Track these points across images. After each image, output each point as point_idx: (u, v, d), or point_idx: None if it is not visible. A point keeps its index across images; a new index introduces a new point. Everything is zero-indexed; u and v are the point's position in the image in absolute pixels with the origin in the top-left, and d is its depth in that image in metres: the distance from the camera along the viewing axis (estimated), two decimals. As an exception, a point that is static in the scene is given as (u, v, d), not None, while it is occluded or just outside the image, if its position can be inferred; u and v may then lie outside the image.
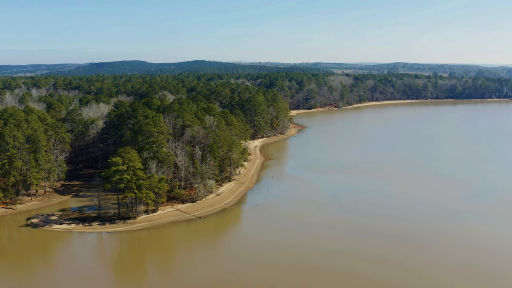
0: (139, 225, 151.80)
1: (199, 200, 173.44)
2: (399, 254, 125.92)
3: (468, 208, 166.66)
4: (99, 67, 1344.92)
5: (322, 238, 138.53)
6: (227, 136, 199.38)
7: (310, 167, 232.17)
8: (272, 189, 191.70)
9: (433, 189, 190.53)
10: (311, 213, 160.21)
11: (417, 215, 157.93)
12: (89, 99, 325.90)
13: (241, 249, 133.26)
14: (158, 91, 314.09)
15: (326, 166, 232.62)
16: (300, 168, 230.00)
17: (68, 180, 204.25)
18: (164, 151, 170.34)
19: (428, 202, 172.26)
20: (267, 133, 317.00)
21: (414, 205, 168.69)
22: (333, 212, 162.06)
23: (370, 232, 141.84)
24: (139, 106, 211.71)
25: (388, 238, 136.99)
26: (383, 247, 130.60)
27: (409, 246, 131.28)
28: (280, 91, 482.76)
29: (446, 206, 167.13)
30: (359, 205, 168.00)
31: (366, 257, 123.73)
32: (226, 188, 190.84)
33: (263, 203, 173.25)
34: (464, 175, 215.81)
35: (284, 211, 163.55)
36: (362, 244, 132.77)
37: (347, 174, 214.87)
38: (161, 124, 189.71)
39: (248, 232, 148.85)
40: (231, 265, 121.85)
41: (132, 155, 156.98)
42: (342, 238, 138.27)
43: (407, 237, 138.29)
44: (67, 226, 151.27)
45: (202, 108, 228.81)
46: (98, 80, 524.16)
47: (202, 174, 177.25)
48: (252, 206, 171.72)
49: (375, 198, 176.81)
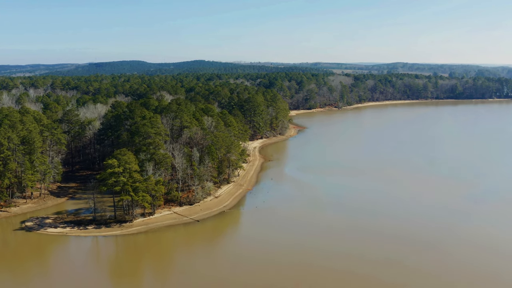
0: (135, 228, 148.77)
1: (197, 203, 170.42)
2: (399, 255, 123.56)
3: (469, 208, 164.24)
4: (98, 67, 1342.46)
5: (322, 240, 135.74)
6: (226, 138, 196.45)
7: (310, 168, 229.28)
8: (271, 191, 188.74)
9: (435, 190, 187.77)
10: (311, 216, 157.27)
11: (418, 216, 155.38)
12: (87, 99, 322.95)
13: (240, 253, 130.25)
14: (156, 92, 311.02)
15: (326, 167, 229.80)
16: (300, 170, 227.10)
17: (64, 182, 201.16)
18: (161, 153, 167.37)
19: (430, 202, 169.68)
20: (267, 134, 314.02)
21: (415, 206, 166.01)
22: (334, 214, 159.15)
23: (371, 233, 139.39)
24: (136, 106, 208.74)
25: (389, 240, 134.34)
26: (384, 249, 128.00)
27: (410, 247, 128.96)
28: (280, 91, 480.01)
29: (447, 206, 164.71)
30: (360, 207, 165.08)
31: (367, 259, 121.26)
32: (225, 190, 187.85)
33: (262, 205, 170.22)
34: (465, 175, 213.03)
35: (283, 214, 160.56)
36: (363, 245, 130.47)
37: (348, 176, 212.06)
38: (158, 125, 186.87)
39: (247, 236, 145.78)
40: (230, 269, 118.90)
41: (128, 157, 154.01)
42: (342, 240, 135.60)
43: (407, 237, 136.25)
44: (62, 229, 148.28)
45: (200, 109, 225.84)
46: (96, 80, 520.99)
47: (200, 176, 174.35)
48: (251, 209, 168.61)
49: (377, 200, 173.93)
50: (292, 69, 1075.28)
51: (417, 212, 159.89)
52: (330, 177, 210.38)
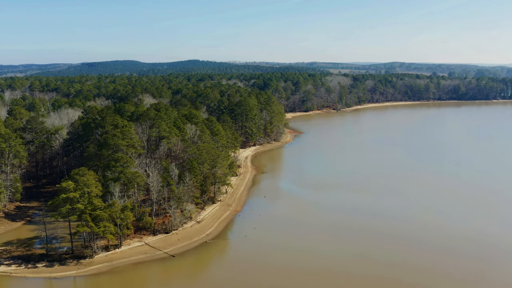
0: (96, 267, 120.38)
1: (175, 230, 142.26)
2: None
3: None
4: (91, 67, 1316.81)
5: (325, 283, 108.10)
6: (211, 150, 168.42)
7: (308, 182, 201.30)
8: (264, 214, 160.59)
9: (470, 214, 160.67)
10: (311, 250, 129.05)
11: (433, 243, 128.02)
12: (63, 102, 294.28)
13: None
14: (139, 94, 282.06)
15: (328, 181, 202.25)
16: (297, 184, 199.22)
17: (26, 201, 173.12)
18: (130, 171, 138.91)
19: (464, 233, 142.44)
20: (260, 141, 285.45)
21: (431, 232, 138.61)
22: (340, 249, 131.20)
23: (392, 282, 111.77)
24: (108, 113, 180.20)
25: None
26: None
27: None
28: (275, 92, 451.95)
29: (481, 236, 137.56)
30: (368, 232, 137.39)
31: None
32: (209, 212, 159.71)
33: (252, 233, 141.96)
34: (489, 185, 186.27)
35: (277, 245, 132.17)
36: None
37: (353, 192, 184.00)
38: (131, 135, 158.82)
39: (232, 277, 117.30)
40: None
41: (87, 178, 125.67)
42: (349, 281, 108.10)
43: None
44: (6, 267, 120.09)
45: (183, 115, 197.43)
46: (80, 81, 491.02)
47: (179, 197, 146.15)
48: (240, 238, 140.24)
49: (386, 223, 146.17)
50: (288, 69, 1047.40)
51: (434, 241, 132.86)
52: (333, 193, 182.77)
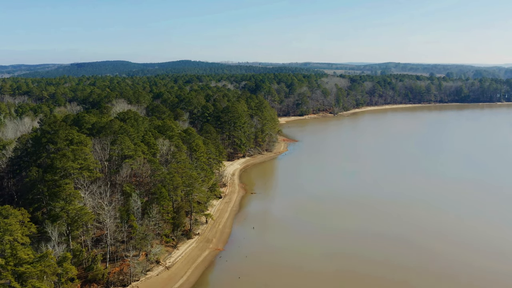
0: None
1: (136, 282, 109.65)
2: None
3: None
4: (80, 68, 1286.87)
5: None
6: (186, 171, 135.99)
7: (306, 206, 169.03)
8: (252, 253, 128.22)
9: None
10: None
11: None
12: (27, 109, 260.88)
13: None
14: (113, 99, 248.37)
15: (328, 203, 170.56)
16: (293, 209, 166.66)
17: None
18: (74, 208, 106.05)
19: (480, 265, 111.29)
20: (250, 151, 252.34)
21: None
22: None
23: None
24: (61, 125, 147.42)
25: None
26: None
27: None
28: (267, 95, 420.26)
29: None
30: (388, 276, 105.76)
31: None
32: (183, 252, 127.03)
33: (236, 285, 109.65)
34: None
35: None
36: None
37: (360, 219, 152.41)
38: (85, 155, 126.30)
39: None
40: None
41: (11, 220, 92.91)
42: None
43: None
44: None
45: (155, 127, 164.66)
46: (58, 83, 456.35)
47: (143, 237, 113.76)
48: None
49: (417, 271, 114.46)
50: (281, 69, 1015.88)
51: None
52: (336, 221, 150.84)
